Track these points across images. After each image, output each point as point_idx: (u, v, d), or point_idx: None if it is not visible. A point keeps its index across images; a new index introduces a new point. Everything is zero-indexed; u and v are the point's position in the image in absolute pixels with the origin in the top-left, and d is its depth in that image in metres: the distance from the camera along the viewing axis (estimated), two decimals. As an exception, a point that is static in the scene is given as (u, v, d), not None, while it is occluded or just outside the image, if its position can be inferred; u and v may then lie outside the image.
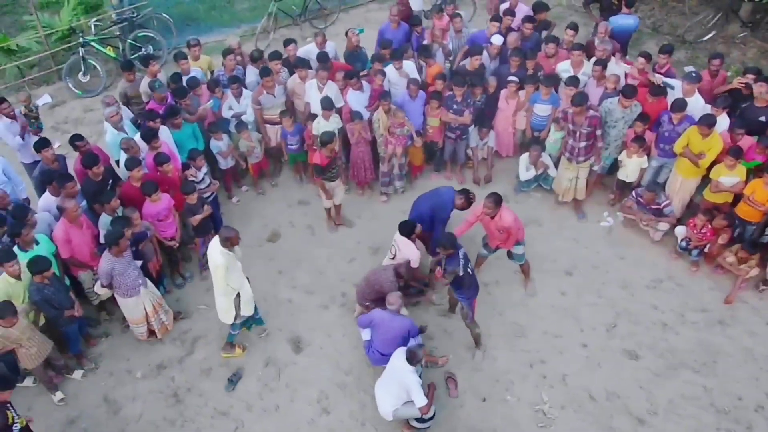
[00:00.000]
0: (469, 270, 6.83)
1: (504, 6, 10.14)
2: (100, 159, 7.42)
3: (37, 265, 6.34)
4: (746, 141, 7.72)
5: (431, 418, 6.41)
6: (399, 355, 6.32)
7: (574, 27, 9.42)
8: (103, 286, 6.92)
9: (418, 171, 9.46)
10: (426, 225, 7.67)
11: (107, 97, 8.51)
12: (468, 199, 7.44)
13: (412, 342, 6.55)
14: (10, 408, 5.85)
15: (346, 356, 7.39)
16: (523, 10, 10.02)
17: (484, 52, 9.13)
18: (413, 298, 7.61)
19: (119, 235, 6.61)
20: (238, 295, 6.92)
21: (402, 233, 7.32)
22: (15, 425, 5.82)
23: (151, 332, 7.45)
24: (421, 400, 6.11)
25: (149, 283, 7.26)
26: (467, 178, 9.49)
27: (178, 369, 7.35)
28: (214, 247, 6.64)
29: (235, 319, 7.05)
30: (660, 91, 8.22)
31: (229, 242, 6.58)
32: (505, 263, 7.85)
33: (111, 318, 7.81)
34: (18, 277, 6.44)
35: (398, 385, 6.26)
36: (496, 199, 6.95)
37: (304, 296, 8.08)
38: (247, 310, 7.06)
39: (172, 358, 7.44)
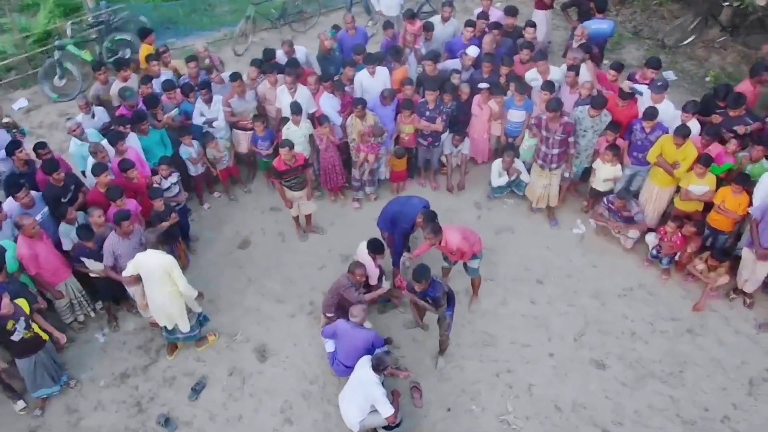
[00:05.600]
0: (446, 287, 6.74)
1: (478, 10, 10.09)
2: (60, 165, 7.38)
3: None
4: (715, 148, 7.67)
5: (398, 425, 6.36)
6: (363, 365, 6.25)
7: (533, 25, 9.41)
8: (106, 266, 6.96)
9: (398, 179, 9.32)
10: (389, 230, 7.63)
11: (80, 99, 8.47)
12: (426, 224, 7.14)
13: (377, 352, 6.47)
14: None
15: (311, 366, 7.32)
16: (496, 15, 9.94)
17: (457, 60, 9.10)
18: (373, 294, 7.45)
19: (123, 217, 6.78)
20: None
21: (369, 248, 7.19)
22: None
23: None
24: (387, 411, 6.06)
25: None
26: (441, 185, 9.41)
27: (142, 378, 7.28)
28: (154, 254, 6.65)
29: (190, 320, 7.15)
30: (629, 95, 8.16)
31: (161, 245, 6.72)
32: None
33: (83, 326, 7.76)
34: None
35: (363, 397, 6.20)
36: (434, 229, 6.78)
37: (273, 305, 8.00)
38: (196, 306, 7.18)
39: (136, 367, 7.37)
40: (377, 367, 6.09)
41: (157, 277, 6.68)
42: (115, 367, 7.37)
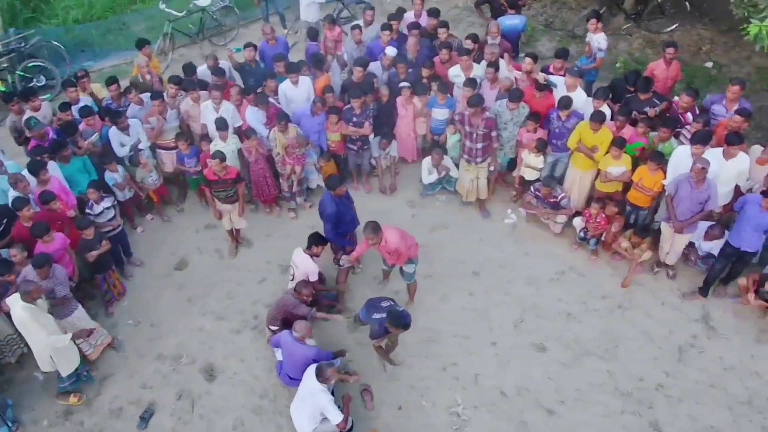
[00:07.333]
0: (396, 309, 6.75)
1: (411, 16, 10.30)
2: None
3: None
4: (628, 130, 8.09)
5: (350, 430, 6.44)
6: (310, 374, 6.32)
7: (445, 25, 9.67)
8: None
9: None
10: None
11: None
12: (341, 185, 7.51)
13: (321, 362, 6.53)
14: None
15: (260, 380, 7.31)
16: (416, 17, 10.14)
17: (377, 63, 9.23)
18: (325, 315, 7.54)
19: (40, 263, 6.58)
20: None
21: (311, 242, 7.37)
22: None
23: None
24: (336, 418, 6.14)
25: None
26: (374, 187, 9.55)
27: (87, 413, 7.09)
28: (15, 302, 6.40)
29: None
30: (544, 86, 8.50)
31: (30, 296, 6.35)
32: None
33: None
34: None
35: (312, 406, 6.26)
36: (374, 227, 6.89)
37: (216, 323, 7.94)
38: (65, 368, 6.86)
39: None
40: (318, 376, 6.17)
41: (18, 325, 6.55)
42: (58, 404, 7.14)
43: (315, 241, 7.39)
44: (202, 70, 9.36)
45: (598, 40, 9.43)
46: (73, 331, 6.85)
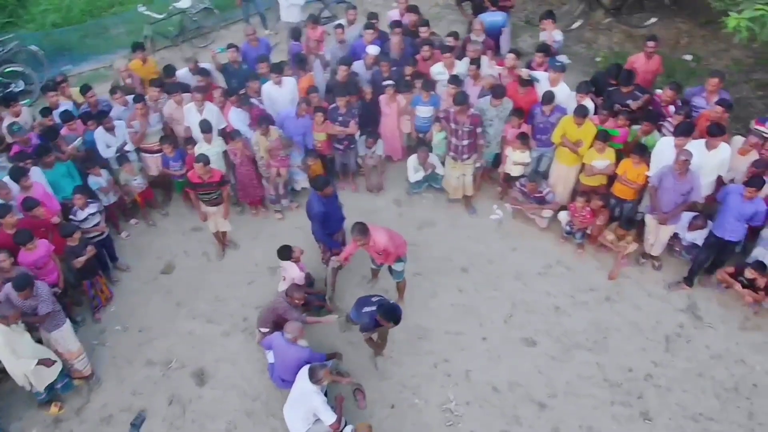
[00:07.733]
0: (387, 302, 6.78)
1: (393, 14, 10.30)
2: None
3: None
4: (610, 123, 8.16)
5: (343, 430, 6.44)
6: (303, 376, 6.31)
7: (426, 23, 9.71)
8: None
9: None
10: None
11: None
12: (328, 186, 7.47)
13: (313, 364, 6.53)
14: None
15: (252, 383, 7.28)
16: (395, 15, 10.14)
17: (360, 62, 9.23)
18: (317, 319, 7.51)
19: (21, 285, 6.39)
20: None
21: (280, 257, 7.33)
22: None
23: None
24: (329, 419, 6.14)
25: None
26: (361, 186, 9.55)
27: (76, 421, 7.02)
28: None
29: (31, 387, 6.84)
30: (527, 82, 8.55)
31: (6, 321, 6.24)
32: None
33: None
34: None
35: (305, 407, 6.25)
36: (361, 229, 6.89)
37: (206, 326, 7.90)
38: (39, 384, 6.79)
39: (68, 410, 7.10)
40: (311, 377, 6.17)
41: None
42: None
43: (286, 253, 7.42)
44: (183, 74, 9.29)
45: (553, 35, 9.52)
46: (58, 347, 6.85)
